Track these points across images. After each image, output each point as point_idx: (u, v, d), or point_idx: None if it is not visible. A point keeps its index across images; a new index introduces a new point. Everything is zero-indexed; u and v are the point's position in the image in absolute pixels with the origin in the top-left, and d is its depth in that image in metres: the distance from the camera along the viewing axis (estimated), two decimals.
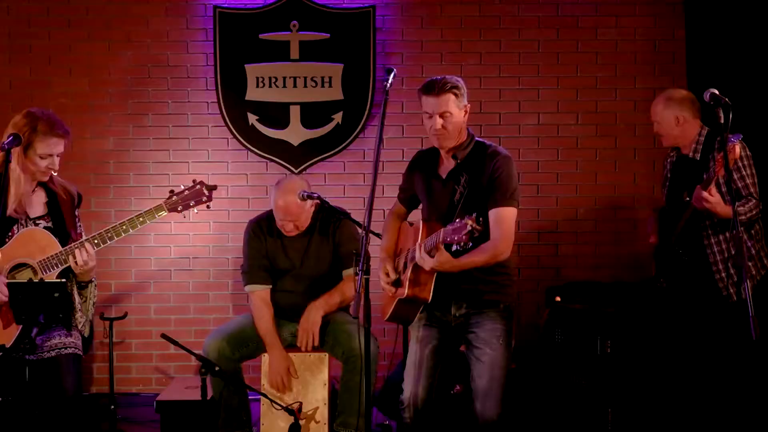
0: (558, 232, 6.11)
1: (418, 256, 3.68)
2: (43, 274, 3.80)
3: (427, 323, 3.98)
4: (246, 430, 4.78)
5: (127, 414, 5.58)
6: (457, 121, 3.83)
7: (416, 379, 3.94)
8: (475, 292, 3.85)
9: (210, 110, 6.03)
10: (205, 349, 4.69)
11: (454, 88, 3.81)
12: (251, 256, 4.87)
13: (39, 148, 3.83)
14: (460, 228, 3.41)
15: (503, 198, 3.78)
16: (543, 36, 6.05)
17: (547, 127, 6.08)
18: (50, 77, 5.99)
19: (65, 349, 3.91)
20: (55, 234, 3.89)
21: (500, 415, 3.82)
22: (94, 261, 3.83)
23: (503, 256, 3.79)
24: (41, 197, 4.00)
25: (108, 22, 5.99)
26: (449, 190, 3.88)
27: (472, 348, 3.89)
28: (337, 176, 6.05)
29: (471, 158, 3.88)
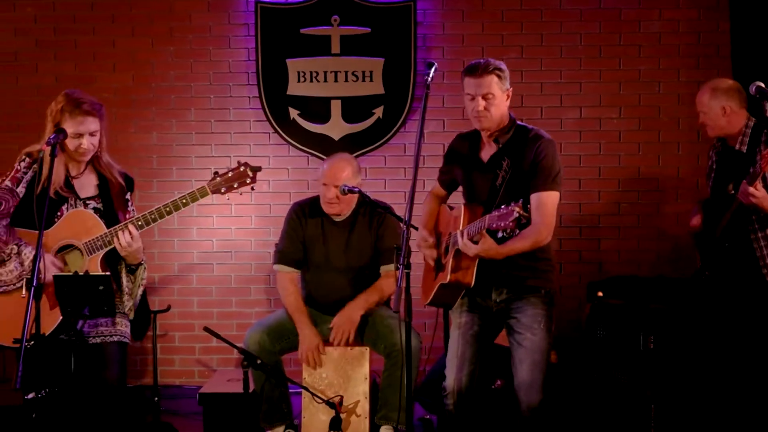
0: (600, 226, 6.06)
1: (461, 243, 3.67)
2: (88, 255, 3.84)
3: (467, 309, 3.97)
4: (287, 422, 4.81)
5: (170, 406, 5.63)
6: (500, 104, 3.81)
7: (459, 366, 3.94)
8: (517, 277, 3.84)
9: (252, 105, 6.06)
10: (246, 342, 4.72)
11: (497, 70, 3.80)
12: (288, 236, 4.91)
13: (69, 128, 3.84)
14: (507, 215, 3.38)
15: (545, 183, 3.76)
16: (585, 29, 6.00)
17: (589, 121, 6.03)
18: (95, 72, 6.06)
19: (111, 337, 3.96)
20: (104, 216, 3.94)
21: (542, 401, 3.81)
22: (138, 243, 3.85)
23: (545, 242, 3.78)
24: (92, 180, 4.04)
25: (151, 18, 6.05)
26: (491, 175, 3.86)
27: (514, 333, 3.88)
28: (377, 170, 6.05)
29: (513, 142, 3.86)
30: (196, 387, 5.53)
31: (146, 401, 5.35)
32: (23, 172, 3.93)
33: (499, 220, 3.42)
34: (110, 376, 3.90)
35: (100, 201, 4.00)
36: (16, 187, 3.91)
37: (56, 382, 3.81)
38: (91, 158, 4.01)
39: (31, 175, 3.92)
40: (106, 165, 4.05)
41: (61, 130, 3.80)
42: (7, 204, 3.87)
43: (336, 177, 4.69)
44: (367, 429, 4.66)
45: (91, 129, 3.90)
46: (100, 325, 3.95)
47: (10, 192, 3.90)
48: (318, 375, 4.72)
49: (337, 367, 4.72)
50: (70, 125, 3.84)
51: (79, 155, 3.93)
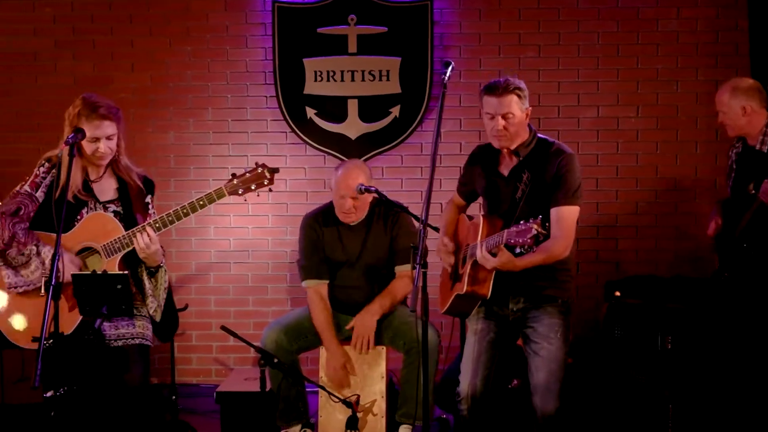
0: (617, 226, 6.04)
1: (480, 255, 3.66)
2: (107, 257, 3.86)
3: (484, 316, 3.98)
4: (303, 421, 4.82)
5: (187, 404, 5.65)
6: (519, 123, 3.80)
7: (473, 372, 3.94)
8: (534, 287, 3.83)
9: (269, 104, 6.07)
10: (263, 341, 4.73)
11: (517, 90, 3.79)
12: (307, 250, 4.90)
13: (86, 132, 3.85)
14: (525, 231, 3.39)
15: (565, 197, 3.75)
16: (602, 28, 5.97)
17: (607, 120, 6.01)
18: (113, 72, 6.09)
19: (132, 340, 3.98)
20: (123, 219, 3.96)
21: (558, 409, 3.81)
22: (156, 245, 3.86)
23: (562, 256, 3.77)
24: (112, 183, 4.05)
25: (168, 18, 6.07)
26: (511, 188, 3.86)
27: (530, 342, 3.88)
28: (394, 170, 6.05)
29: (534, 155, 3.86)
30: (213, 386, 5.55)
31: (164, 400, 5.37)
32: (42, 177, 3.96)
33: (517, 236, 3.43)
34: (132, 379, 3.93)
35: (120, 204, 4.02)
36: (35, 192, 3.94)
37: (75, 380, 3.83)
38: (109, 162, 4.03)
39: (50, 180, 3.94)
40: (125, 168, 4.06)
41: (80, 130, 3.81)
42: (27, 209, 3.90)
43: (351, 187, 4.68)
44: (383, 428, 4.66)
45: (108, 133, 3.92)
46: (121, 328, 3.97)
47: (30, 197, 3.93)
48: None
49: (353, 366, 4.73)
50: (87, 129, 3.85)
51: (96, 159, 3.95)
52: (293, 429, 4.81)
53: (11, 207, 3.91)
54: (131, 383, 3.91)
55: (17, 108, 6.11)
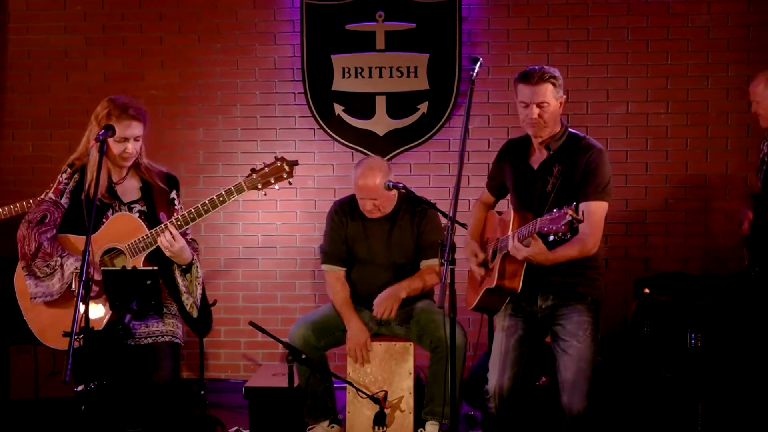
0: (647, 222, 6.00)
1: (512, 245, 3.65)
2: (131, 257, 3.89)
3: (512, 313, 3.97)
4: (331, 417, 4.84)
5: (216, 399, 5.69)
6: (553, 111, 3.80)
7: (501, 369, 3.93)
8: (563, 284, 3.82)
9: (297, 101, 6.09)
10: (291, 337, 4.75)
11: (552, 78, 3.79)
12: (331, 237, 4.94)
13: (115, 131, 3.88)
14: (559, 218, 3.36)
15: (595, 192, 3.73)
16: (632, 23, 5.93)
17: (636, 116, 5.97)
18: (142, 70, 6.13)
19: (162, 337, 4.01)
20: (148, 218, 3.98)
21: (587, 408, 3.79)
22: (180, 242, 3.87)
23: (591, 252, 3.75)
24: (135, 183, 4.09)
25: (198, 15, 6.10)
26: (541, 181, 3.85)
27: (559, 340, 3.87)
28: (422, 166, 6.05)
29: (564, 149, 3.84)
30: (241, 381, 5.57)
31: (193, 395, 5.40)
32: (65, 183, 3.99)
33: (551, 223, 3.40)
34: (162, 377, 3.95)
35: (144, 204, 4.05)
36: (60, 199, 3.98)
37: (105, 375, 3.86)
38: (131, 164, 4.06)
39: (73, 185, 3.98)
40: (146, 169, 4.09)
41: (110, 127, 3.84)
42: (53, 216, 3.94)
43: (369, 189, 4.70)
44: (411, 424, 4.67)
45: (136, 134, 3.95)
46: (151, 326, 4.00)
47: (55, 204, 3.97)
48: (362, 370, 4.74)
49: (381, 362, 4.74)
50: (116, 129, 3.88)
51: (122, 160, 3.97)
52: (321, 425, 4.82)
53: (37, 215, 3.94)
54: (161, 380, 3.93)
55: (49, 105, 6.17)
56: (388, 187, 4.55)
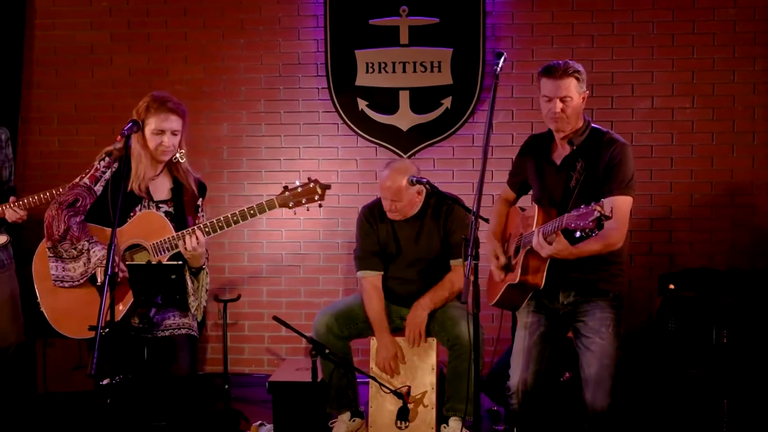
0: (672, 218, 5.96)
1: (536, 242, 3.64)
2: (155, 255, 3.92)
3: (534, 310, 3.95)
4: (352, 408, 4.85)
5: (240, 393, 5.70)
6: (576, 106, 3.78)
7: (523, 366, 3.92)
8: (585, 280, 3.80)
9: (320, 96, 6.10)
10: (315, 326, 4.78)
11: (576, 73, 3.77)
12: (363, 242, 4.93)
13: (151, 124, 3.95)
14: (587, 214, 3.33)
15: (619, 187, 3.72)
16: (657, 17, 5.89)
17: (661, 111, 5.93)
18: (167, 65, 6.15)
19: (179, 330, 4.04)
20: (174, 220, 4.01)
21: (610, 405, 3.77)
22: (203, 248, 3.92)
23: (616, 247, 3.73)
24: (166, 183, 4.12)
25: (222, 10, 6.12)
26: (564, 177, 3.83)
27: (581, 337, 3.85)
28: (446, 161, 6.04)
29: (587, 145, 3.82)
30: (265, 375, 5.60)
31: (217, 389, 5.43)
32: (102, 171, 4.03)
33: (578, 219, 3.37)
34: (181, 369, 3.97)
35: (172, 205, 4.08)
36: (94, 186, 4.01)
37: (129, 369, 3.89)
38: (168, 163, 4.08)
39: (110, 174, 4.01)
40: (185, 172, 4.12)
41: (136, 122, 3.88)
42: (84, 201, 3.97)
43: (392, 191, 4.70)
44: (433, 419, 4.67)
45: (174, 127, 3.99)
46: (168, 318, 4.03)
47: (88, 190, 4.00)
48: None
49: (404, 356, 4.74)
50: (153, 121, 3.94)
51: (159, 154, 4.00)
52: (343, 416, 4.84)
53: (68, 198, 3.98)
54: (179, 373, 3.95)
55: (75, 100, 6.22)
56: (411, 183, 4.55)
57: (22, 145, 6.20)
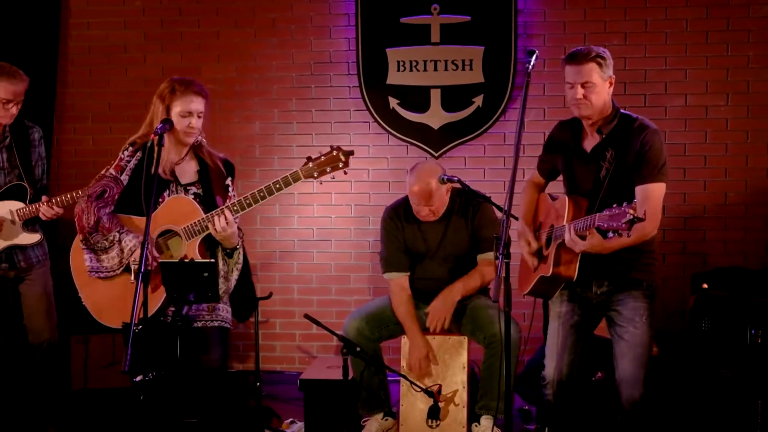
0: (705, 217, 5.91)
1: (568, 238, 3.62)
2: (187, 239, 3.94)
3: (567, 299, 3.93)
4: (385, 410, 4.85)
5: (271, 391, 5.72)
6: (600, 91, 3.75)
7: (558, 356, 3.91)
8: (619, 270, 3.78)
9: (352, 95, 6.11)
10: (345, 329, 4.77)
11: (598, 57, 3.74)
12: (388, 243, 4.91)
13: (177, 106, 3.98)
14: (619, 215, 3.31)
15: (652, 174, 3.68)
16: (691, 14, 5.84)
17: (695, 109, 5.87)
18: (199, 64, 6.19)
19: (212, 322, 4.07)
20: (203, 201, 4.04)
21: (643, 395, 3.75)
22: (233, 227, 3.92)
23: (651, 235, 3.71)
24: (193, 166, 4.15)
25: (254, 9, 6.15)
26: (594, 166, 3.80)
27: (615, 326, 3.83)
28: (477, 160, 6.03)
29: (617, 133, 3.79)
30: (296, 373, 5.62)
31: (248, 386, 5.46)
32: (126, 160, 4.08)
33: (610, 220, 3.35)
34: (212, 360, 4.01)
35: (200, 187, 4.11)
36: (120, 175, 4.05)
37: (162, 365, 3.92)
38: (192, 145, 4.11)
39: (135, 164, 4.05)
40: (207, 152, 4.16)
41: (168, 120, 3.92)
42: (111, 191, 4.02)
43: (424, 195, 4.65)
44: (464, 418, 4.66)
45: (200, 109, 4.04)
46: (200, 310, 4.05)
47: (115, 180, 4.04)
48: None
49: (435, 355, 4.73)
50: (179, 104, 3.97)
51: (186, 136, 4.04)
52: (375, 417, 4.84)
53: (96, 190, 4.03)
54: (211, 365, 3.98)
55: (109, 99, 6.28)
56: (442, 181, 4.54)
57: (57, 144, 6.27)
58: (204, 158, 4.14)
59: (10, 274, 4.72)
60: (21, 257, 4.72)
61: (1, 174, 4.70)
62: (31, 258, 4.75)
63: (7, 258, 4.68)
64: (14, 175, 4.71)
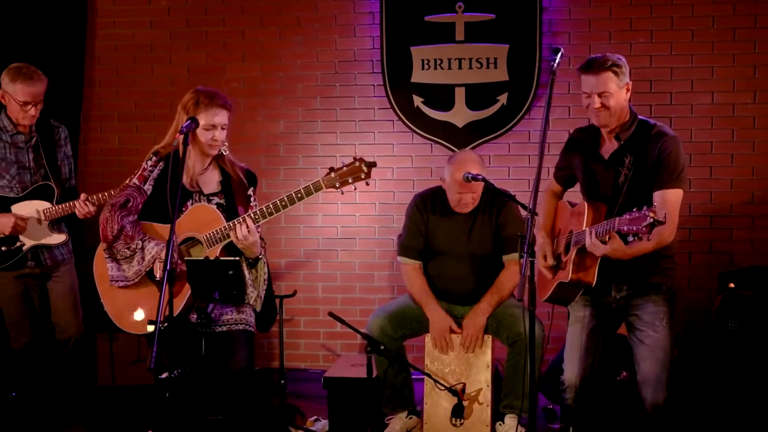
0: (732, 215, 5.85)
1: (589, 243, 3.62)
2: (208, 247, 3.96)
3: (586, 304, 3.93)
4: (409, 408, 4.85)
5: (295, 389, 5.74)
6: (618, 100, 3.74)
7: (578, 360, 3.91)
8: (638, 275, 3.77)
9: (376, 93, 6.11)
10: (369, 328, 4.78)
11: (614, 66, 3.72)
12: (410, 230, 4.94)
13: (202, 119, 3.98)
14: (639, 219, 3.31)
15: (670, 180, 3.68)
16: (718, 11, 5.79)
17: (722, 107, 5.82)
18: (224, 63, 6.22)
19: (236, 325, 4.08)
20: (226, 211, 4.05)
21: (667, 399, 3.74)
22: (255, 236, 3.93)
23: (668, 241, 3.71)
24: (215, 176, 4.17)
25: (279, 8, 6.16)
26: (612, 172, 3.80)
27: (635, 330, 3.83)
28: (501, 158, 6.01)
29: (635, 139, 3.78)
30: (320, 371, 5.62)
31: (273, 384, 5.47)
32: (149, 170, 4.11)
33: (630, 223, 3.35)
34: (237, 363, 4.02)
35: (223, 196, 4.13)
36: (143, 185, 4.09)
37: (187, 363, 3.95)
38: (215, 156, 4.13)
39: (158, 173, 4.09)
40: (230, 162, 4.17)
41: (194, 119, 3.93)
42: (135, 201, 4.06)
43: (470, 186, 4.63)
44: (489, 417, 4.65)
45: (224, 122, 4.05)
46: (226, 314, 4.07)
47: (138, 189, 4.08)
48: (440, 362, 4.74)
49: (459, 354, 4.73)
50: (203, 117, 3.98)
51: (209, 148, 4.05)
52: (399, 415, 4.84)
53: (120, 200, 4.07)
54: (236, 368, 4.00)
55: (135, 98, 6.32)
56: (467, 179, 4.53)
57: (84, 143, 6.32)
58: (226, 169, 4.16)
59: (36, 271, 4.78)
60: (47, 255, 4.77)
61: (28, 173, 4.74)
62: (56, 256, 4.80)
63: (33, 257, 4.73)
64: (40, 175, 4.76)
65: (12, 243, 4.66)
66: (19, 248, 4.67)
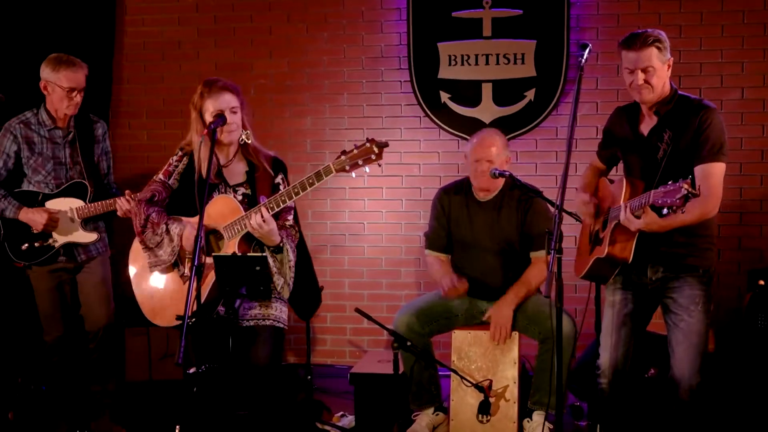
0: (762, 212, 5.80)
1: (623, 217, 3.59)
2: (228, 238, 3.98)
3: (621, 287, 3.92)
4: (436, 404, 4.85)
5: (322, 384, 5.76)
6: (660, 75, 3.71)
7: (613, 345, 3.90)
8: (674, 255, 3.74)
9: (403, 89, 6.11)
10: (396, 324, 4.78)
11: (657, 42, 3.71)
12: (435, 223, 4.98)
13: (209, 107, 4.00)
14: (674, 191, 3.28)
15: (711, 153, 3.64)
16: (748, 6, 5.73)
17: (752, 102, 5.77)
18: (252, 59, 6.24)
19: (263, 321, 4.09)
20: (251, 202, 4.07)
21: (700, 384, 3.71)
22: (270, 225, 3.88)
23: (712, 214, 3.67)
24: (242, 167, 4.18)
25: (306, 4, 6.17)
26: (652, 148, 3.76)
27: (670, 313, 3.80)
28: (528, 154, 6.00)
29: (674, 113, 3.75)
30: (347, 367, 5.64)
31: (299, 379, 5.49)
32: (174, 165, 4.17)
33: (665, 196, 3.32)
34: (260, 359, 4.02)
35: (249, 187, 4.14)
36: (168, 180, 4.14)
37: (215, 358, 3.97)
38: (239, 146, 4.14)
39: (183, 168, 4.14)
40: (254, 150, 4.16)
41: (222, 116, 3.94)
42: (160, 195, 4.13)
43: (487, 152, 4.67)
44: (515, 414, 4.64)
45: (231, 104, 4.03)
46: (255, 309, 4.08)
47: (163, 185, 4.15)
48: (467, 358, 4.73)
49: (486, 351, 4.72)
50: (210, 104, 4.00)
51: (227, 135, 4.04)
52: (426, 412, 4.84)
53: (146, 195, 4.14)
54: (258, 362, 4.00)
55: (164, 95, 6.36)
56: (494, 176, 4.52)
57: (113, 139, 6.33)
58: (251, 159, 4.16)
59: (69, 266, 4.81)
60: (81, 251, 4.80)
61: (63, 169, 4.76)
62: (91, 251, 4.83)
63: (66, 251, 4.76)
64: (76, 171, 4.77)
65: (45, 239, 4.70)
66: (51, 245, 4.70)
